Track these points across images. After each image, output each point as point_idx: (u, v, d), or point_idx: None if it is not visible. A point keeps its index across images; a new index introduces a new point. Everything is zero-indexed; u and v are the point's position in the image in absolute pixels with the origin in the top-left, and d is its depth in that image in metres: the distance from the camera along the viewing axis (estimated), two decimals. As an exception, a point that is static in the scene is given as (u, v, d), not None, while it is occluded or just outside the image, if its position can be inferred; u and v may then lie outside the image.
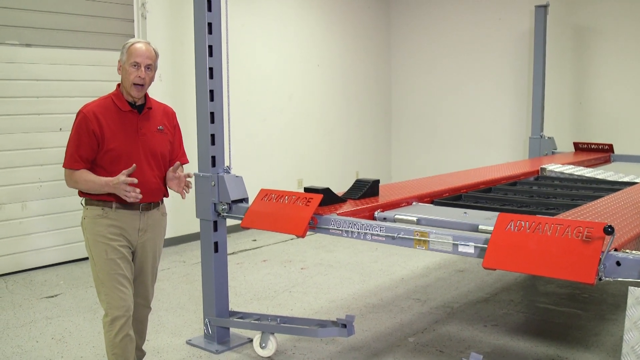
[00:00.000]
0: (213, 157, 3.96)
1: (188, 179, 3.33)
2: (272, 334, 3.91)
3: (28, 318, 4.67)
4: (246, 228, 3.71)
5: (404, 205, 3.90)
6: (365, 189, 3.90)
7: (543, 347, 4.07)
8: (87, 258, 6.14)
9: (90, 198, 3.15)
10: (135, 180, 3.03)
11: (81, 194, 3.20)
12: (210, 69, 3.90)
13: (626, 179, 5.20)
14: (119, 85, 3.24)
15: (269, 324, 3.90)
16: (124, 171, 3.03)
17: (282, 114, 8.16)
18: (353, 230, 3.25)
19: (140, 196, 3.06)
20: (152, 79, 3.22)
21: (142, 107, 3.25)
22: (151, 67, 3.18)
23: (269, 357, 3.91)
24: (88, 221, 3.17)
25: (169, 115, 3.41)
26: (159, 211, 3.37)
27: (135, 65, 3.11)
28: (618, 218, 3.30)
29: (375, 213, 3.64)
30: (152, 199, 3.27)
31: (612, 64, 7.88)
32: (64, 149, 3.17)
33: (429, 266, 6.10)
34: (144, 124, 3.23)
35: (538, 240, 2.60)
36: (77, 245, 6.17)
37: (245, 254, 6.61)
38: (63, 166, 3.13)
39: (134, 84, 3.13)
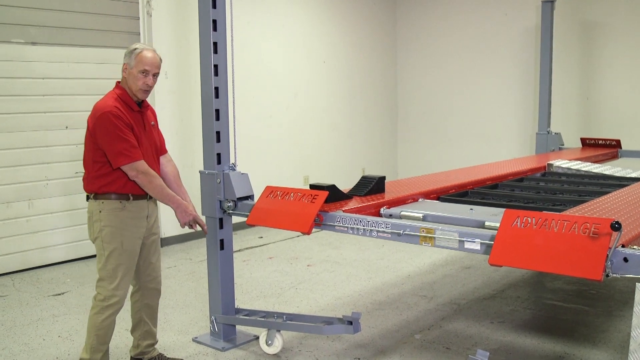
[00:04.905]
0: (218, 155, 3.95)
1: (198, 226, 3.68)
2: (279, 331, 3.91)
3: (35, 316, 4.69)
4: (252, 225, 3.71)
5: (410, 202, 3.89)
6: (371, 186, 3.90)
7: (550, 344, 4.06)
8: (94, 256, 6.20)
9: (107, 192, 3.30)
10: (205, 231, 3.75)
11: (93, 187, 3.33)
12: (216, 66, 3.89)
13: (634, 175, 5.17)
14: (118, 82, 3.42)
15: (275, 321, 3.90)
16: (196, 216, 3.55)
17: (288, 111, 8.16)
18: (359, 227, 3.24)
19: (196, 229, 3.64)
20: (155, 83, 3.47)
21: (141, 105, 3.46)
22: (157, 74, 3.41)
23: (275, 354, 3.91)
24: (105, 214, 3.31)
25: (153, 112, 3.66)
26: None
27: (143, 73, 3.32)
28: (625, 214, 3.27)
29: (381, 210, 3.63)
30: None
31: (619, 59, 7.84)
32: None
33: (435, 263, 6.09)
34: (146, 120, 3.48)
35: (545, 236, 2.58)
36: (83, 243, 6.19)
37: (251, 251, 6.61)
38: (127, 161, 3.22)
39: (142, 89, 3.35)
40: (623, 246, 2.53)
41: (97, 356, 3.38)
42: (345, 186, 4.00)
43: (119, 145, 3.20)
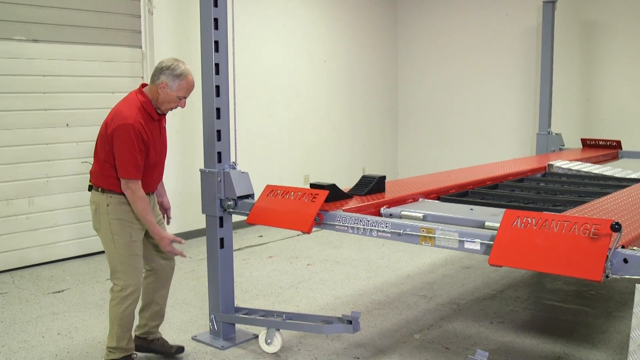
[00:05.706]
0: (219, 153, 3.95)
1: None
2: (278, 330, 3.91)
3: (34, 313, 4.69)
4: (252, 224, 3.72)
5: (410, 202, 3.89)
6: (372, 185, 3.90)
7: (549, 345, 4.06)
8: (94, 254, 6.23)
9: (114, 190, 3.41)
10: (182, 242, 3.60)
11: (101, 183, 3.43)
12: (217, 65, 3.89)
13: (634, 176, 5.17)
14: (142, 87, 3.51)
15: (274, 320, 3.90)
16: (172, 238, 3.54)
17: (288, 109, 8.16)
18: (359, 226, 3.24)
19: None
20: None
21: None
22: None
23: (274, 353, 3.91)
24: (112, 207, 3.42)
25: (164, 117, 3.71)
26: None
27: (182, 99, 3.49)
28: (625, 215, 3.28)
29: (381, 209, 3.64)
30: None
31: (620, 59, 7.83)
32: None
33: (435, 263, 6.09)
34: (161, 126, 3.58)
35: (545, 237, 2.58)
36: (83, 241, 6.20)
37: (251, 250, 6.62)
38: (128, 177, 3.33)
39: (172, 109, 3.52)
40: (623, 247, 2.53)
41: (123, 343, 3.52)
42: (345, 185, 4.00)
43: (127, 159, 3.31)
